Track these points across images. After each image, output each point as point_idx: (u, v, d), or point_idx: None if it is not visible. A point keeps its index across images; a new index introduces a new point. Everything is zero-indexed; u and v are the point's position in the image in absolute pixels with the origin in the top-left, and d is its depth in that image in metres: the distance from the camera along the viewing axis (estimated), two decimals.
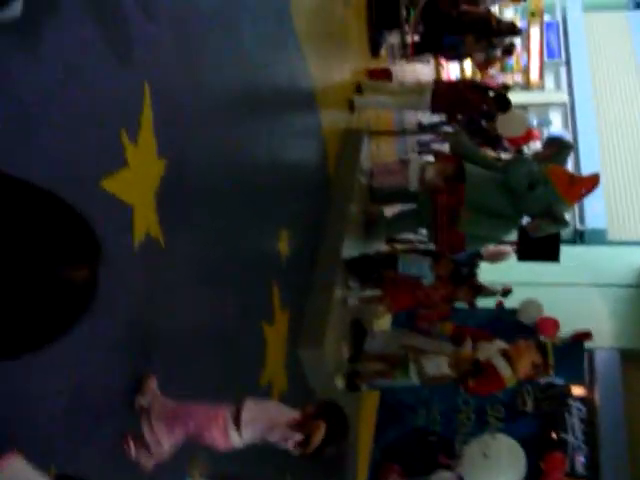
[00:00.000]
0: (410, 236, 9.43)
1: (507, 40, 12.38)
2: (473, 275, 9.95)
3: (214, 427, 3.49)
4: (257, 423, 3.54)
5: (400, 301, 7.49)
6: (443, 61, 14.42)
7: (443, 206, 7.23)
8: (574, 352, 9.40)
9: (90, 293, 1.19)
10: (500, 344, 6.76)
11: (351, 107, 8.46)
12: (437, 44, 11.84)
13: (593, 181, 7.10)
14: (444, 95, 8.69)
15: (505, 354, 6.67)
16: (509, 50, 13.26)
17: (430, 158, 11.35)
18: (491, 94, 9.25)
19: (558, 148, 7.49)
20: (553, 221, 7.05)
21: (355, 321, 7.41)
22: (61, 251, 1.13)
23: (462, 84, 9.56)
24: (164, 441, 3.49)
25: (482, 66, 13.74)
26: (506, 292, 11.59)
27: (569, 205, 7.24)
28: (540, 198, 6.89)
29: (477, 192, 7.18)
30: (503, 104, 9.21)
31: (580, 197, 7.42)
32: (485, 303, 8.13)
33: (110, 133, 3.39)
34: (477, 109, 9.37)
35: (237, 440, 3.53)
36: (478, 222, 7.13)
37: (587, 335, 8.92)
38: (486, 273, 12.27)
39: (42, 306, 1.11)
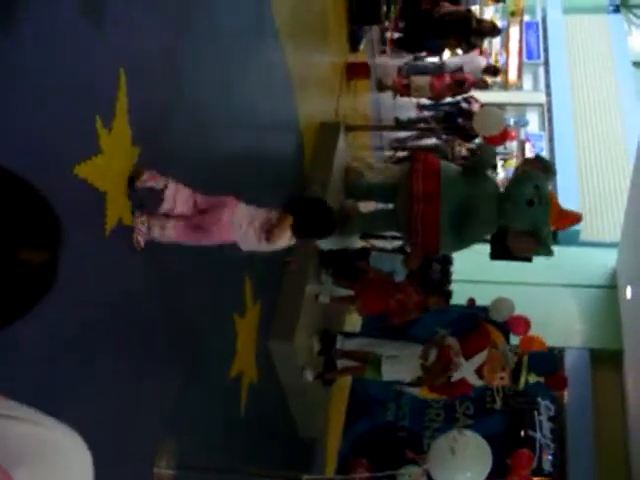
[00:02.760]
0: (385, 232, 9.42)
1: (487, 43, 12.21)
2: (447, 277, 9.97)
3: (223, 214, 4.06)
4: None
5: (371, 305, 7.42)
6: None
7: (418, 215, 7.17)
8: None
9: (48, 277, 1.16)
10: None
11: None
12: (418, 43, 11.85)
13: (576, 218, 7.18)
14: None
15: (480, 370, 6.75)
16: (494, 71, 12.99)
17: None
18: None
19: (543, 169, 7.38)
20: (539, 243, 6.98)
21: (323, 331, 7.38)
22: (18, 233, 1.09)
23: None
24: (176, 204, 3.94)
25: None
26: None
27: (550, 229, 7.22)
28: (533, 217, 6.83)
29: (452, 192, 7.15)
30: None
31: (561, 229, 7.57)
32: (456, 299, 8.11)
33: (84, 119, 3.38)
34: None
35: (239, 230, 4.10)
36: (453, 235, 7.14)
37: (561, 382, 8.88)
38: (459, 273, 12.32)
39: None
